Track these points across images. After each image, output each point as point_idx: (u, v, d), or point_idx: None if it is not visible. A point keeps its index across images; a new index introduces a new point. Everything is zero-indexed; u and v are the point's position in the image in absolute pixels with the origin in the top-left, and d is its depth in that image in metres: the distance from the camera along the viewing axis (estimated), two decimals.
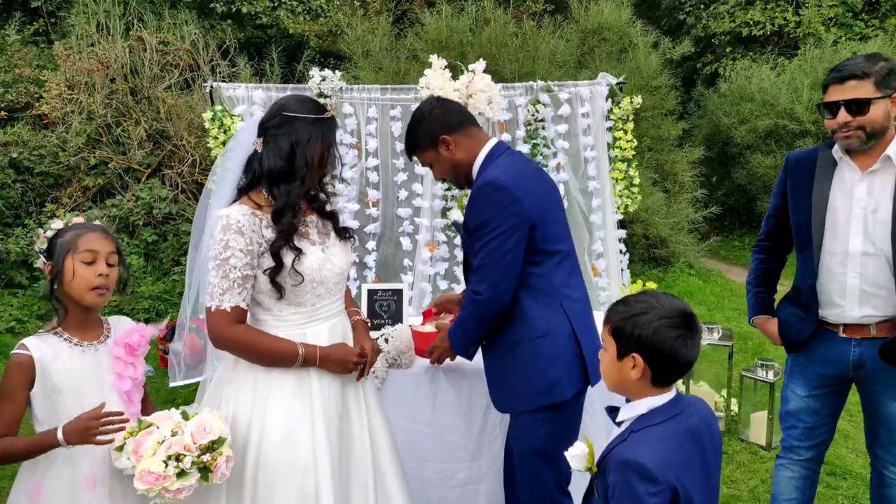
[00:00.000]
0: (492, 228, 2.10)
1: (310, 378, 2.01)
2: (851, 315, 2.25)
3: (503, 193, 2.09)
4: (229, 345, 1.96)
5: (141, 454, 1.74)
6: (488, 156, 2.23)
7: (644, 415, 1.52)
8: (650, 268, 6.96)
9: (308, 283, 1.99)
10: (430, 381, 2.74)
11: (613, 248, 4.49)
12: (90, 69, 6.58)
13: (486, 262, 2.12)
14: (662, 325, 1.46)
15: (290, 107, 2.02)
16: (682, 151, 7.62)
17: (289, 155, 1.96)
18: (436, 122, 2.23)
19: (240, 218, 1.92)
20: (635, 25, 7.36)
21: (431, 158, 2.29)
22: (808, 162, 2.34)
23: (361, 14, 7.78)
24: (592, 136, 4.36)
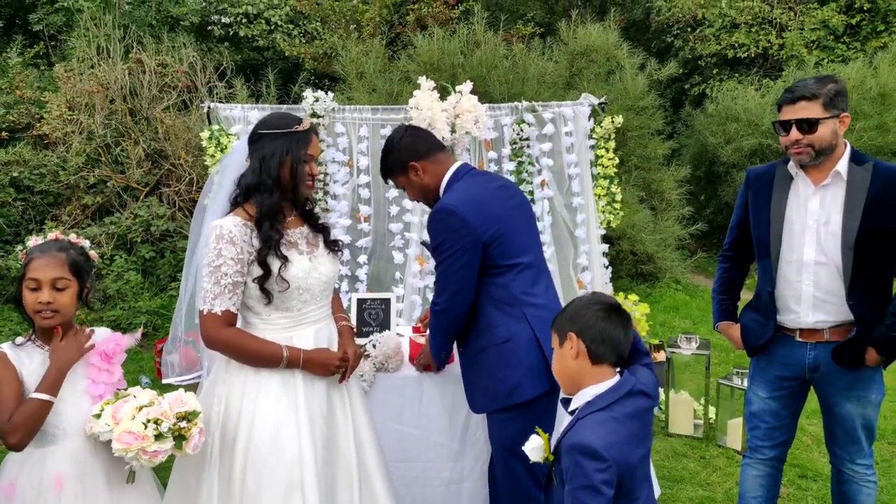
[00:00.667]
0: (445, 248, 2.31)
1: (294, 379, 2.15)
2: (806, 320, 2.40)
3: (454, 218, 2.28)
4: (219, 346, 2.10)
5: (119, 418, 1.89)
6: (450, 179, 2.43)
7: (589, 402, 1.68)
8: (637, 283, 7.11)
9: (294, 290, 2.13)
10: (416, 384, 2.86)
11: (598, 261, 4.64)
12: (90, 90, 6.75)
13: (442, 279, 2.34)
14: (588, 306, 1.73)
15: (263, 122, 2.18)
16: (670, 170, 7.80)
17: (258, 169, 2.11)
18: (405, 149, 2.43)
19: (231, 228, 2.07)
20: (622, 48, 7.58)
21: (404, 183, 2.51)
22: (766, 177, 2.50)
23: (355, 37, 8.00)
24: (576, 154, 4.53)
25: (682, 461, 3.69)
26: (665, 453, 3.77)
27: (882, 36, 8.52)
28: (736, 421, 3.83)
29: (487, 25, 7.55)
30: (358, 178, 4.30)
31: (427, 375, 2.87)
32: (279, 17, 8.83)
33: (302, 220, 2.29)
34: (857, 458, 2.45)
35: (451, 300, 2.34)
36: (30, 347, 2.01)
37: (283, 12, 8.91)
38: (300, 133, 2.14)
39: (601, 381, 1.70)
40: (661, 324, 6.18)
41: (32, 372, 1.96)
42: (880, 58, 7.66)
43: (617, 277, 7.15)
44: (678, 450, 3.82)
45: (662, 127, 7.86)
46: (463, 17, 8.54)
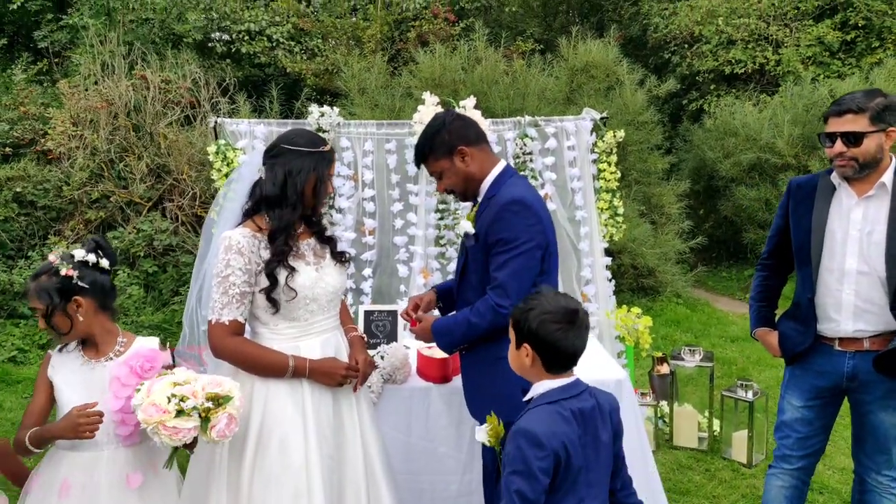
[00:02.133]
0: (518, 244, 2.16)
1: (302, 389, 2.17)
2: (846, 329, 2.41)
3: (530, 212, 2.18)
4: (226, 355, 2.13)
5: (153, 391, 1.91)
6: (500, 175, 2.32)
7: (541, 395, 1.76)
8: (639, 297, 7.13)
9: (301, 299, 2.16)
10: (423, 396, 2.88)
11: (601, 274, 4.67)
12: (95, 106, 6.81)
13: (513, 279, 2.17)
14: (546, 320, 1.72)
15: (289, 139, 2.23)
16: (669, 184, 7.86)
17: (282, 183, 2.15)
18: (455, 132, 2.29)
19: (240, 239, 2.11)
20: (622, 64, 7.66)
21: (444, 167, 2.33)
22: (808, 187, 2.53)
23: (357, 53, 8.07)
24: (578, 167, 4.58)
25: (687, 474, 3.70)
26: (670, 466, 3.77)
27: (877, 52, 8.62)
28: (741, 433, 3.84)
29: (488, 42, 7.64)
30: (363, 192, 4.33)
31: (434, 387, 2.88)
32: (281, 34, 8.91)
33: (310, 232, 2.33)
34: (883, 469, 2.45)
35: (519, 301, 2.20)
36: (72, 353, 2.15)
37: (285, 29, 9.00)
38: (326, 153, 2.22)
39: (556, 379, 1.78)
40: (662, 337, 6.19)
41: (65, 377, 2.10)
42: (876, 74, 7.74)
43: (618, 291, 7.15)
44: (683, 462, 3.83)
45: (661, 142, 7.92)
46: (463, 34, 8.63)
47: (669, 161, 8.08)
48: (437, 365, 2.87)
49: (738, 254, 8.86)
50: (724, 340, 6.06)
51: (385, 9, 8.75)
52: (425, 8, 8.68)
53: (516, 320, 1.79)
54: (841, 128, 2.34)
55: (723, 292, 7.98)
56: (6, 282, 6.20)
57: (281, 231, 2.14)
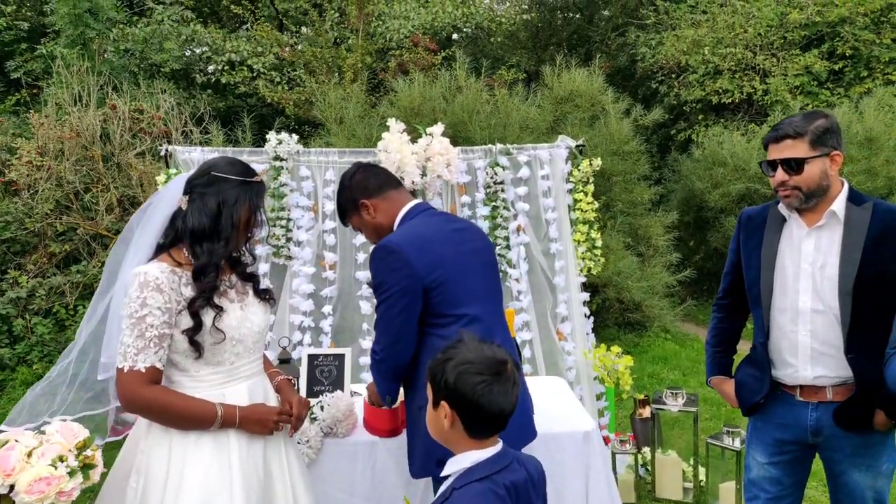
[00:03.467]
0: (384, 290, 2.13)
1: (228, 442, 1.92)
2: (805, 375, 2.17)
3: (394, 257, 2.11)
4: (142, 407, 1.87)
5: (11, 469, 1.68)
6: (403, 217, 2.28)
7: (467, 470, 1.48)
8: (624, 332, 6.86)
9: (228, 342, 1.95)
10: (369, 451, 2.60)
11: (578, 311, 4.39)
12: (63, 136, 6.61)
13: (381, 323, 2.15)
14: (465, 371, 1.45)
15: (220, 167, 2.02)
16: (657, 216, 7.65)
17: (215, 214, 1.95)
18: (356, 187, 2.31)
19: (158, 275, 1.87)
20: (607, 93, 7.51)
21: (358, 223, 2.38)
22: (759, 218, 2.31)
23: (335, 82, 7.93)
24: (553, 198, 4.34)
25: None
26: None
27: (866, 82, 8.51)
28: (728, 484, 3.54)
29: (470, 70, 7.50)
30: (323, 224, 4.09)
31: (381, 441, 2.60)
32: (262, 65, 8.79)
33: (230, 268, 2.10)
34: None
35: (389, 348, 2.16)
36: None
37: (267, 60, 8.88)
38: (259, 184, 2.05)
39: (480, 448, 1.51)
40: (649, 375, 5.90)
41: None
42: (865, 103, 7.60)
43: (603, 326, 6.90)
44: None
45: (649, 172, 7.74)
46: (445, 63, 8.51)
47: (658, 192, 7.89)
48: (384, 416, 2.59)
49: None
50: None
51: (367, 38, 8.64)
52: (406, 37, 8.58)
53: (432, 373, 1.52)
54: (780, 154, 2.13)
55: None
56: None
57: (211, 267, 1.93)
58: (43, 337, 6.10)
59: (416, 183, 4.00)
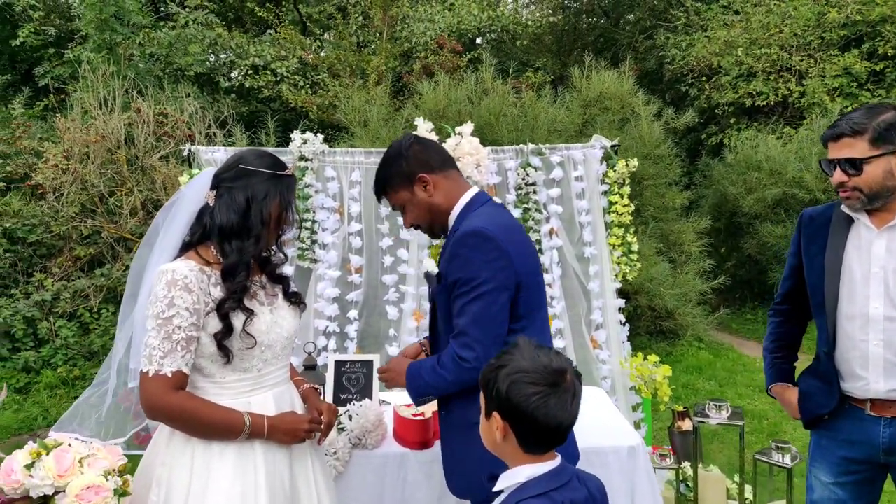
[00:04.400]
0: (478, 284, 1.82)
1: (254, 454, 1.79)
2: (877, 388, 1.97)
3: (492, 245, 1.83)
4: (167, 414, 1.74)
5: (65, 471, 1.59)
6: (469, 204, 1.99)
7: (522, 485, 1.34)
8: (657, 341, 6.63)
9: (257, 347, 1.82)
10: (399, 464, 2.46)
11: (613, 318, 4.21)
12: (88, 140, 6.59)
13: (475, 326, 1.82)
14: (519, 381, 1.32)
15: (248, 160, 1.89)
16: (688, 221, 7.43)
17: (244, 210, 1.82)
18: (415, 158, 1.98)
19: (187, 273, 1.75)
20: (637, 95, 7.33)
21: (405, 200, 2.02)
22: (822, 219, 2.13)
23: (359, 85, 7.84)
24: (587, 200, 4.18)
25: None
26: None
27: None
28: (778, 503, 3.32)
29: (497, 73, 7.36)
30: (349, 226, 3.96)
31: (412, 454, 2.45)
32: (285, 69, 8.73)
33: (259, 269, 1.97)
34: None
35: (487, 354, 1.78)
36: None
37: (291, 64, 8.83)
38: (290, 177, 1.91)
39: (537, 462, 1.37)
40: (683, 386, 5.68)
41: None
42: None
43: (635, 335, 6.68)
44: None
45: (679, 177, 7.53)
46: (471, 66, 8.39)
47: (688, 197, 7.67)
48: (415, 427, 2.44)
49: (764, 294, 8.33)
50: (751, 390, 5.52)
51: (391, 41, 8.55)
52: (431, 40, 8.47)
53: (485, 381, 1.38)
54: (838, 154, 1.96)
55: (749, 336, 7.43)
56: None
57: (241, 266, 1.80)
58: (67, 340, 6.06)
59: None
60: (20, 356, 5.90)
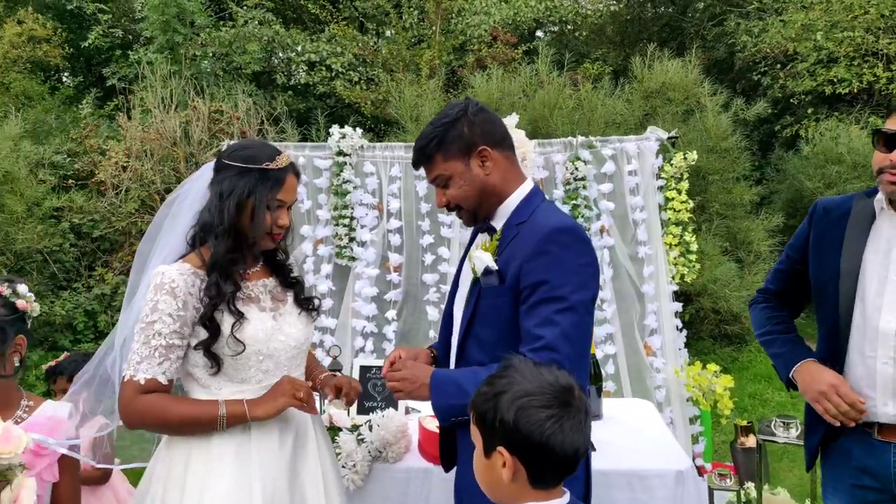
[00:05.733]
0: (572, 292, 1.55)
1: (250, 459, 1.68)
2: (885, 412, 1.72)
3: (587, 248, 1.61)
4: (137, 419, 1.65)
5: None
6: (531, 196, 1.72)
7: None
8: (721, 346, 6.24)
9: (252, 355, 1.70)
10: (422, 479, 2.30)
11: (669, 323, 3.92)
12: (147, 138, 6.75)
13: (567, 341, 1.52)
14: (527, 405, 1.15)
15: (230, 151, 1.77)
16: (759, 218, 6.97)
17: (216, 207, 1.71)
18: (480, 127, 1.69)
19: (175, 277, 1.66)
20: (703, 85, 6.91)
21: (454, 172, 1.70)
22: (838, 212, 1.85)
23: (411, 79, 7.73)
24: (641, 196, 3.90)
25: None
26: None
27: None
28: None
29: (553, 65, 7.10)
30: (388, 223, 3.83)
31: (437, 469, 2.28)
32: (340, 65, 8.73)
33: (268, 272, 1.85)
34: None
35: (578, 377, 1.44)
36: None
37: (346, 59, 8.82)
38: (271, 171, 1.72)
39: (546, 500, 1.19)
40: (750, 396, 5.29)
41: None
42: None
43: (697, 338, 6.30)
44: None
45: (749, 171, 7.07)
46: (526, 58, 8.15)
47: (759, 192, 7.19)
48: None
49: None
50: None
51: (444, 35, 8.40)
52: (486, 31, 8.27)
53: (480, 413, 1.20)
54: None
55: None
56: (50, 313, 6.09)
57: (216, 268, 1.69)
58: None
59: None
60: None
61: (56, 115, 8.49)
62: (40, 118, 8.14)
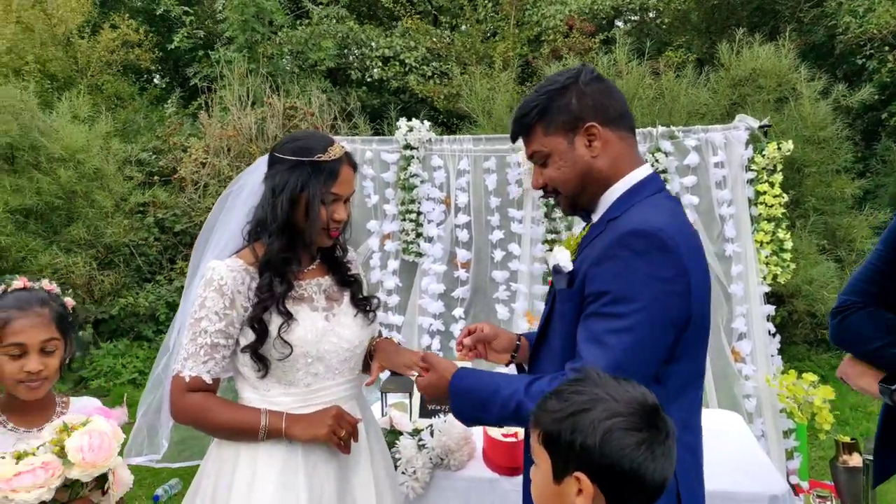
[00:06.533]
0: (638, 309, 1.28)
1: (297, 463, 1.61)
2: None
3: (671, 259, 1.29)
4: (182, 416, 1.62)
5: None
6: (640, 185, 1.43)
7: None
8: (817, 352, 5.77)
9: (300, 357, 1.62)
10: (486, 490, 2.17)
11: (760, 327, 3.61)
12: (225, 135, 6.93)
13: (612, 367, 1.25)
14: (616, 427, 1.00)
15: (281, 145, 1.68)
16: (862, 214, 6.41)
17: (270, 202, 1.62)
18: (592, 98, 1.42)
19: (224, 274, 1.59)
20: (799, 71, 6.42)
21: (554, 149, 1.45)
22: None
23: (483, 72, 7.59)
24: (729, 190, 3.60)
25: None
26: None
27: None
28: None
29: (633, 53, 6.77)
30: (456, 218, 3.71)
31: (503, 480, 2.14)
32: (414, 59, 8.69)
33: (325, 270, 1.76)
34: None
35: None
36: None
37: (420, 54, 8.77)
38: (324, 163, 1.62)
39: None
40: (852, 408, 4.85)
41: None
42: None
43: (790, 343, 5.85)
44: None
45: (851, 163, 6.51)
46: (604, 47, 7.83)
47: (862, 186, 6.61)
48: (505, 450, 2.14)
49: None
50: None
51: (518, 26, 8.20)
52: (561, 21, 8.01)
53: (550, 433, 1.04)
54: None
55: None
56: (135, 305, 6.34)
57: (268, 266, 1.61)
58: None
59: None
60: (163, 338, 6.30)
61: (144, 115, 8.87)
62: (129, 118, 8.53)
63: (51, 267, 5.80)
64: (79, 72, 8.80)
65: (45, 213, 6.22)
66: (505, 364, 1.75)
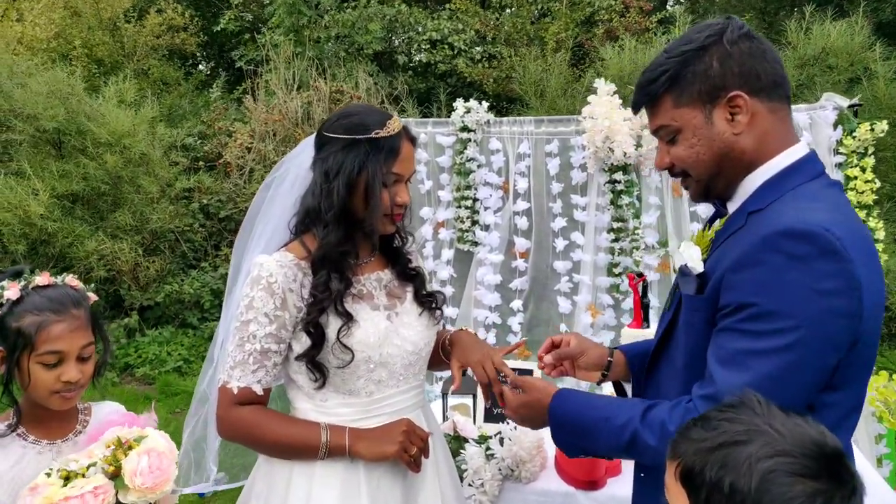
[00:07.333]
0: (793, 327, 1.05)
1: (358, 479, 1.44)
2: None
3: (839, 269, 1.04)
4: (230, 432, 1.45)
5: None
6: (792, 168, 1.17)
7: None
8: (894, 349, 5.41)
9: (361, 364, 1.44)
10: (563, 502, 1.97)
11: None
12: (271, 119, 6.83)
13: (769, 381, 1.05)
14: (781, 468, 0.78)
15: (330, 123, 1.48)
16: None
17: (323, 190, 1.43)
18: (738, 62, 1.15)
19: (274, 270, 1.41)
20: (874, 49, 6.00)
21: (687, 123, 1.20)
22: None
23: (536, 53, 7.33)
24: None
25: None
26: None
27: None
28: None
29: None
30: (515, 205, 3.51)
31: (579, 494, 1.94)
32: (462, 42, 8.46)
33: (385, 262, 1.57)
34: None
35: None
36: (9, 441, 1.37)
37: (468, 36, 8.54)
38: (382, 140, 1.42)
39: None
40: None
41: (4, 479, 1.33)
42: None
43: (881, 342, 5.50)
44: None
45: None
46: (661, 26, 7.49)
47: None
48: (581, 461, 1.93)
49: None
50: None
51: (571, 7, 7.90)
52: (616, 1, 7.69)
53: (692, 467, 0.84)
54: None
55: None
56: (180, 292, 6.31)
57: (322, 260, 1.42)
58: None
59: (629, 155, 3.25)
60: (207, 326, 6.26)
61: (189, 100, 8.84)
62: (175, 103, 8.51)
63: (97, 253, 5.79)
64: (125, 56, 8.81)
65: (92, 198, 6.21)
66: (596, 383, 1.54)
